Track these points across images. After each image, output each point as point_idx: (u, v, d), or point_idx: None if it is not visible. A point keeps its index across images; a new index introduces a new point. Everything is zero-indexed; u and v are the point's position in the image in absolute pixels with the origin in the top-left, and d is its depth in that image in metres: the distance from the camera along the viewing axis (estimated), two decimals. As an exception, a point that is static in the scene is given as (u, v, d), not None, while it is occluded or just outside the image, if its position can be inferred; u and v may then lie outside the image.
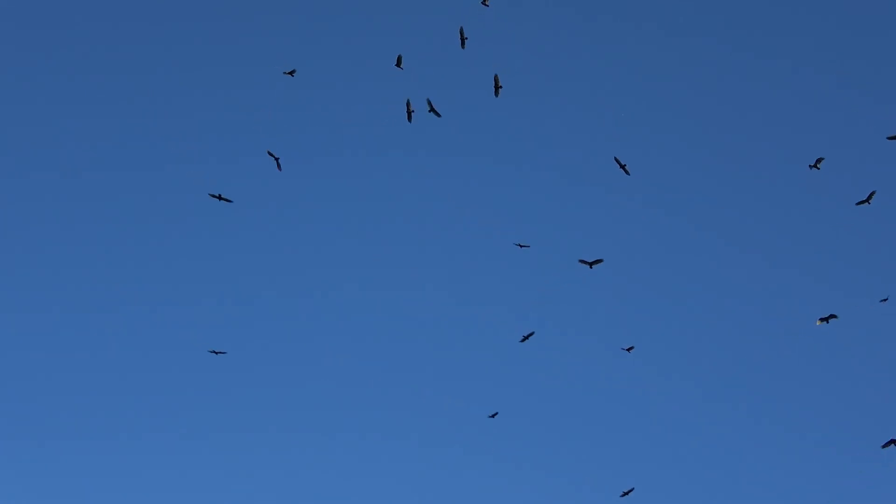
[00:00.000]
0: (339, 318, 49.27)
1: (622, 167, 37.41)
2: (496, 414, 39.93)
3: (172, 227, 50.90)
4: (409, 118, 36.04)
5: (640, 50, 52.70)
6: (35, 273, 49.90)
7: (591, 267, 37.11)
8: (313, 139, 51.29)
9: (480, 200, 50.63)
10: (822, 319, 36.19)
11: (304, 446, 46.68)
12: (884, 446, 35.49)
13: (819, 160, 36.76)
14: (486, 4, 36.77)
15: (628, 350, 39.80)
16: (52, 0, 53.87)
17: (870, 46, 52.70)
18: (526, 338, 39.46)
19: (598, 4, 53.94)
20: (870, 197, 36.42)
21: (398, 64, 36.49)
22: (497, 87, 35.68)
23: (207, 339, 48.21)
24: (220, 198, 37.56)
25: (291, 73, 37.65)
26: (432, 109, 35.75)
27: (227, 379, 46.80)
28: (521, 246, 39.22)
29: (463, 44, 35.93)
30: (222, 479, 45.42)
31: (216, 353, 39.79)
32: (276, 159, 37.89)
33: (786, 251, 49.46)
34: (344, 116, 51.04)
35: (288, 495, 45.28)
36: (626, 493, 37.98)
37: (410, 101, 36.06)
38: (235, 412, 46.73)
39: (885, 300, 36.99)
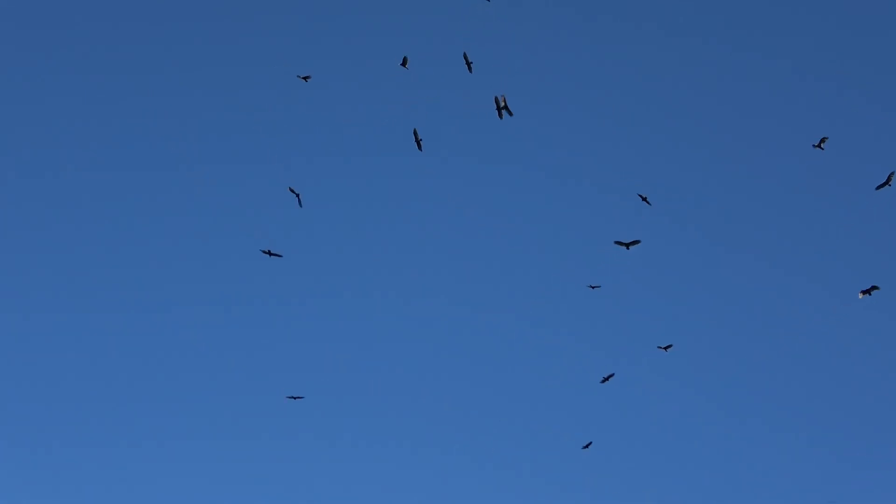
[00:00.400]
0: (342, 323, 49.21)
1: (644, 199, 36.61)
2: (590, 444, 37.96)
3: (172, 230, 50.89)
4: (419, 147, 35.86)
5: (640, 50, 52.70)
6: (37, 276, 49.92)
7: (627, 248, 35.71)
8: (319, 141, 51.27)
9: (478, 203, 50.62)
10: (864, 292, 35.32)
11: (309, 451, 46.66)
12: None
13: (823, 139, 35.32)
14: None
15: (665, 349, 38.55)
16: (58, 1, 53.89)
17: (871, 47, 52.71)
18: (606, 379, 38.39)
19: (599, 4, 53.93)
20: (889, 178, 35.31)
21: (403, 64, 36.44)
22: (500, 109, 34.86)
23: (211, 342, 48.17)
24: (269, 254, 37.60)
25: (306, 77, 37.44)
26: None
27: (241, 383, 46.84)
28: (593, 287, 37.88)
29: (469, 68, 35.59)
30: (239, 483, 45.38)
31: (294, 398, 39.56)
32: (297, 195, 37.75)
33: (792, 251, 49.42)
34: (354, 119, 50.99)
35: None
36: None
37: (417, 131, 35.89)
38: (265, 416, 46.55)
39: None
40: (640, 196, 36.75)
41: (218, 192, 51.00)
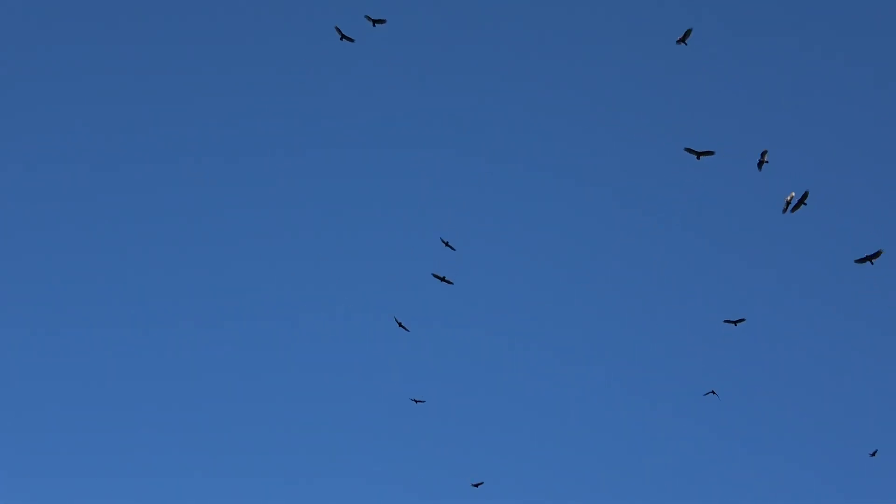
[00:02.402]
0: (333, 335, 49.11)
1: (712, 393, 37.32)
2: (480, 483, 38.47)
3: (171, 231, 50.91)
4: (398, 327, 36.76)
5: (640, 50, 52.71)
6: (40, 282, 49.94)
7: (698, 158, 34.92)
8: (322, 140, 51.25)
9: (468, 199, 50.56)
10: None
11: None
12: None
13: (687, 32, 35.21)
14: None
15: (736, 323, 38.76)
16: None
17: (874, 46, 52.76)
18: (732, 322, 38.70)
19: (598, 4, 53.96)
20: (763, 156, 34.96)
21: (342, 37, 36.43)
22: (446, 244, 35.65)
23: (215, 347, 48.21)
24: (442, 279, 37.48)
25: (378, 21, 36.95)
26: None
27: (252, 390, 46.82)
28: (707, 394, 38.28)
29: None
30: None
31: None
32: (401, 324, 37.88)
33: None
34: (360, 117, 50.94)
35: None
36: None
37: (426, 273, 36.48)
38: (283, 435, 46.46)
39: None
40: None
41: (217, 190, 51.05)
